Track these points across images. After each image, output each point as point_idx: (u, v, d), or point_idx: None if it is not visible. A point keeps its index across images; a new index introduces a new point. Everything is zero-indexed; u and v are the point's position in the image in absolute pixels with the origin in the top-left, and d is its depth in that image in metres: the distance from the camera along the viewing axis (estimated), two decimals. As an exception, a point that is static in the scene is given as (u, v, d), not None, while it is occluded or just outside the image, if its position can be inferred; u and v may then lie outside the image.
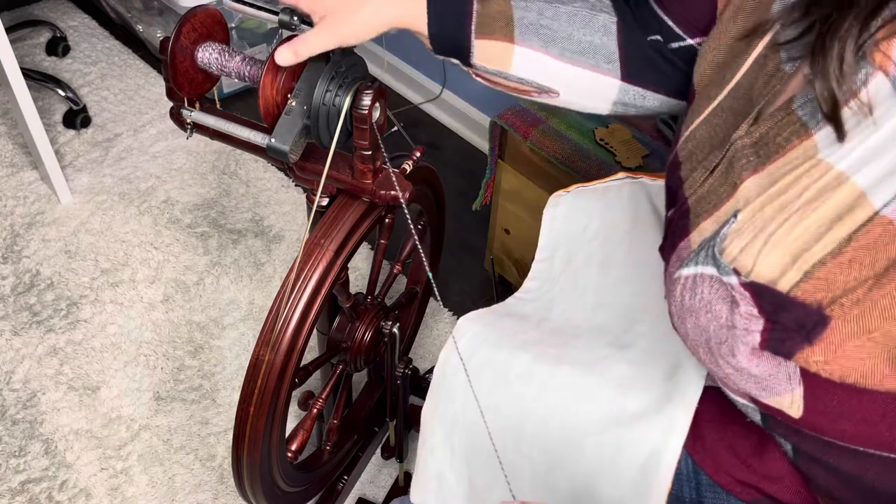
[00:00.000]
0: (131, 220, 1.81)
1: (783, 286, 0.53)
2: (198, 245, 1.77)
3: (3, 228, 1.77)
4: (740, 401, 0.66)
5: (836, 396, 0.56)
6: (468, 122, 2.12)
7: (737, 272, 0.56)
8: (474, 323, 0.82)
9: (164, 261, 1.73)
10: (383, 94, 0.79)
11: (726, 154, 0.62)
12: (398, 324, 1.08)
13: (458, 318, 1.50)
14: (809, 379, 0.56)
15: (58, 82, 2.07)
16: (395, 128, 0.91)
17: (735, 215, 0.58)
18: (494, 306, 0.87)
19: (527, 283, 0.91)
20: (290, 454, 1.01)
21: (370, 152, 0.82)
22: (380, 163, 0.85)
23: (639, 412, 0.71)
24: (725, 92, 0.66)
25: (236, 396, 0.89)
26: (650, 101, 0.80)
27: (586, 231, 0.92)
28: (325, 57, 0.77)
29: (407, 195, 0.85)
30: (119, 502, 1.33)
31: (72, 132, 2.04)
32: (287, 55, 0.72)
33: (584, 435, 0.72)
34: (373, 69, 2.31)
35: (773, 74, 0.61)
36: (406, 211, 0.82)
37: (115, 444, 1.40)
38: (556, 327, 0.84)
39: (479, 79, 0.82)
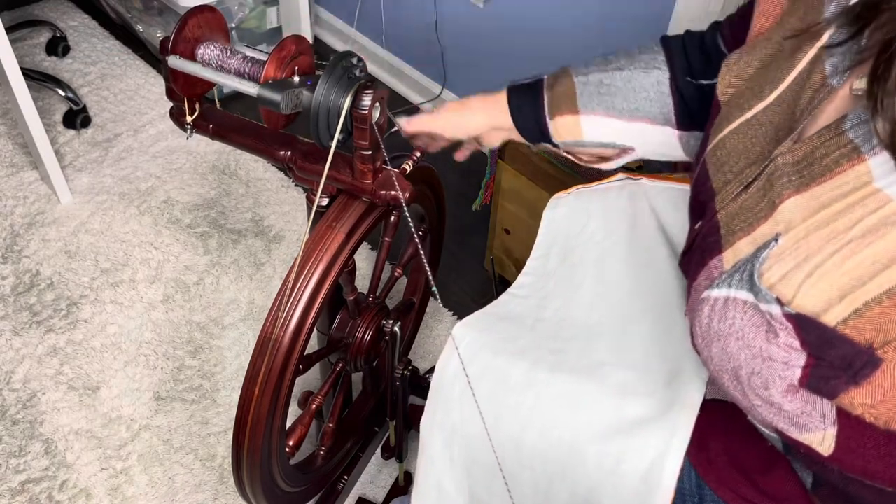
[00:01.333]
0: (131, 220, 1.81)
1: (828, 321, 0.50)
2: (198, 245, 1.77)
3: (3, 228, 1.77)
4: (764, 430, 0.64)
5: (872, 439, 0.53)
6: (468, 122, 2.12)
7: (779, 301, 0.53)
8: (471, 329, 0.81)
9: (164, 261, 1.73)
10: (383, 94, 0.79)
11: (765, 170, 0.59)
12: (399, 323, 1.08)
13: (458, 319, 1.50)
14: (846, 419, 0.53)
15: (58, 82, 2.07)
16: (396, 128, 0.91)
17: (776, 239, 0.55)
18: (488, 307, 0.86)
19: (521, 279, 0.90)
20: (287, 449, 1.01)
21: (370, 152, 0.82)
22: (380, 163, 0.85)
23: (640, 419, 0.71)
24: (765, 104, 0.64)
25: (236, 396, 0.89)
26: None
27: (584, 230, 0.92)
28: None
29: (407, 195, 0.85)
30: (119, 502, 1.33)
31: (72, 132, 2.04)
32: (402, 124, 0.91)
33: (584, 444, 0.72)
34: (373, 69, 2.32)
35: (818, 89, 0.59)
36: (406, 213, 0.81)
37: (115, 444, 1.40)
38: (551, 329, 0.83)
39: (572, 157, 0.90)
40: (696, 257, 0.64)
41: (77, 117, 2.03)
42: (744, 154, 0.63)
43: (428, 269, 0.79)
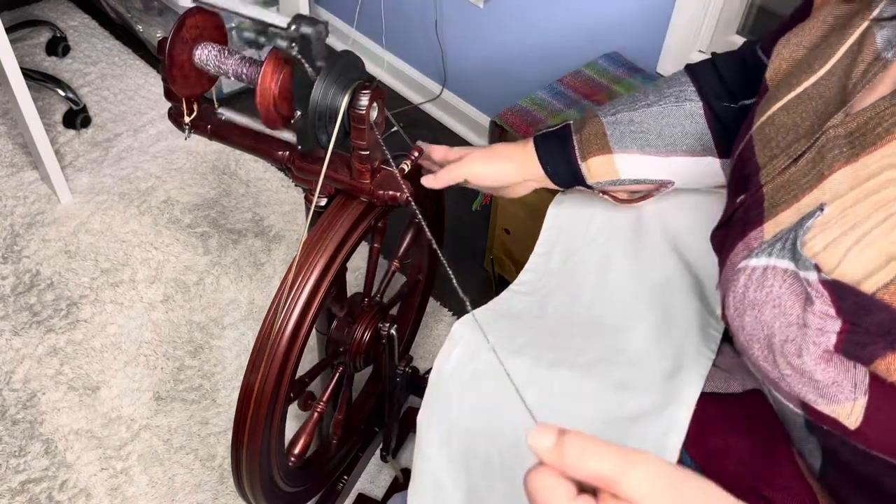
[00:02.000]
0: (131, 220, 1.81)
1: (868, 287, 0.50)
2: (198, 245, 1.77)
3: (3, 228, 1.77)
4: (788, 406, 0.63)
5: None
6: (468, 122, 2.12)
7: (817, 268, 0.52)
8: (470, 326, 0.81)
9: (164, 261, 1.73)
10: (381, 93, 0.79)
11: (816, 142, 0.59)
12: (396, 325, 1.08)
13: (457, 318, 1.48)
14: (878, 389, 0.52)
15: (58, 82, 2.07)
16: (395, 128, 0.91)
17: (821, 208, 0.55)
18: (489, 304, 0.87)
19: (522, 275, 0.90)
20: (292, 459, 1.01)
21: (368, 152, 0.82)
22: (378, 163, 0.85)
23: (638, 414, 0.71)
24: (815, 79, 0.64)
25: (236, 396, 0.89)
26: None
27: (589, 229, 0.92)
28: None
29: (405, 195, 0.85)
30: (119, 502, 1.33)
31: (72, 132, 2.04)
32: (430, 180, 0.89)
33: None
34: (373, 69, 2.31)
35: (872, 62, 0.59)
36: (411, 201, 0.81)
37: (115, 444, 1.40)
38: (551, 327, 0.83)
39: (610, 198, 0.90)
40: (734, 230, 0.63)
41: (77, 117, 2.03)
42: (792, 129, 0.63)
43: (431, 236, 0.79)
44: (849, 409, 0.55)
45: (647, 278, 0.86)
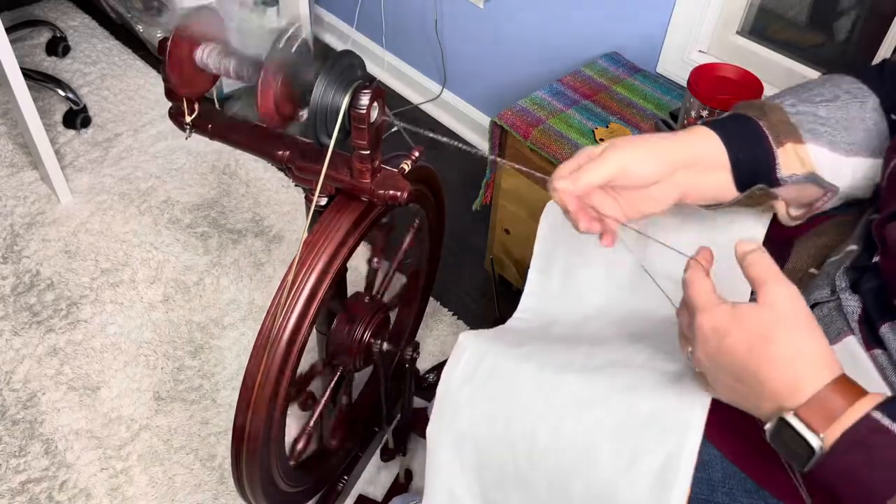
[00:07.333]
0: (131, 220, 1.81)
1: None
2: (198, 245, 1.77)
3: (3, 228, 1.77)
4: None
5: None
6: (468, 122, 2.12)
7: None
8: (475, 337, 0.81)
9: (164, 261, 1.73)
10: (381, 93, 0.79)
11: None
12: (384, 343, 1.08)
13: (457, 319, 1.48)
14: None
15: (58, 82, 2.07)
16: (395, 128, 0.91)
17: None
18: (495, 328, 0.86)
19: (525, 300, 0.89)
20: (293, 460, 1.01)
21: (368, 152, 0.82)
22: (378, 162, 0.85)
23: (651, 414, 0.70)
24: None
25: (236, 396, 0.89)
26: None
27: (587, 244, 0.90)
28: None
29: (405, 195, 0.85)
30: (119, 502, 1.33)
31: (72, 132, 2.04)
32: (565, 184, 0.69)
33: (597, 442, 0.71)
34: (373, 69, 2.31)
35: None
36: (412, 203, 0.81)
37: (115, 444, 1.40)
38: (557, 339, 0.83)
39: (785, 209, 0.78)
40: None
41: (77, 117, 2.03)
42: None
43: (430, 237, 0.79)
44: None
45: (651, 294, 0.85)
